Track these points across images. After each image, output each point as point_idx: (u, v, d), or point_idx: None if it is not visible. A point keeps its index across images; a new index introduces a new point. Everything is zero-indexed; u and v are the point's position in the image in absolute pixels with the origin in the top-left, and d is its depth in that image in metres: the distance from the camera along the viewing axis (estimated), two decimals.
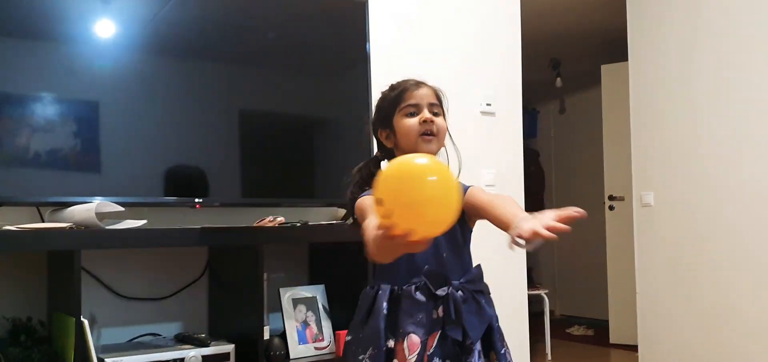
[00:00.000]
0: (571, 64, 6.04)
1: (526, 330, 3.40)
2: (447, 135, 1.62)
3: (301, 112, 2.57)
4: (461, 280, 1.50)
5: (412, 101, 1.57)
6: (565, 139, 6.63)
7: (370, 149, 2.64)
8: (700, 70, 4.04)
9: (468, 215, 1.52)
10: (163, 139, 2.24)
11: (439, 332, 1.45)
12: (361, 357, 1.47)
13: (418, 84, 1.60)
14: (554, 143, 6.78)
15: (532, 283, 5.54)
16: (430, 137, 1.55)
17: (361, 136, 2.61)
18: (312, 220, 2.51)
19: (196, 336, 2.18)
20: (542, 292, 5.00)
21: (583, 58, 5.80)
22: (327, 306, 2.42)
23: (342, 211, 2.67)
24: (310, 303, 2.39)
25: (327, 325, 2.39)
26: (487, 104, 3.22)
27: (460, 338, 1.45)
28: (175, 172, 2.25)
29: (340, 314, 2.41)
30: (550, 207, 4.66)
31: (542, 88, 6.48)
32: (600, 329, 5.61)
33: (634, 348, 4.47)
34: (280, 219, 2.31)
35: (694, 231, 4.06)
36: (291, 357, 2.27)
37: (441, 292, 1.46)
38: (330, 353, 2.35)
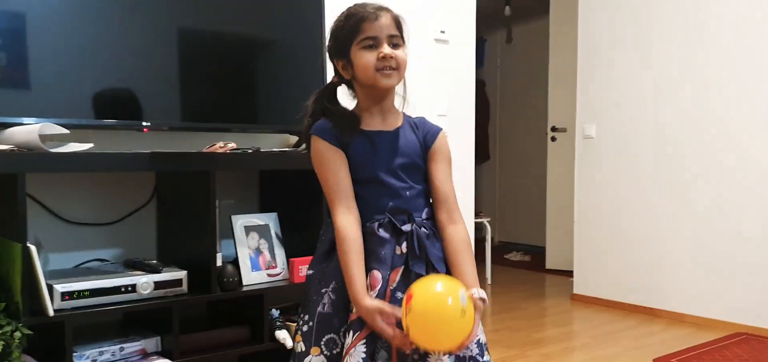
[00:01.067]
0: None
1: None
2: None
3: (252, 32, 2.50)
4: (423, 216, 1.50)
5: (371, 34, 1.47)
6: (511, 69, 6.69)
7: (325, 74, 2.60)
8: (649, 6, 4.11)
9: (429, 162, 1.53)
10: (103, 57, 2.13)
11: (402, 268, 1.45)
12: (323, 291, 1.46)
13: (377, 13, 1.49)
14: (500, 73, 6.83)
15: (475, 212, 5.67)
16: (391, 72, 1.48)
17: (315, 60, 2.56)
18: (263, 147, 2.48)
19: (146, 261, 2.14)
20: (485, 220, 5.12)
21: None
22: (280, 234, 2.42)
23: (293, 138, 2.64)
24: (262, 231, 2.38)
25: (280, 253, 2.39)
26: (442, 31, 3.20)
27: (423, 272, 1.45)
28: (117, 95, 2.17)
29: (292, 241, 2.41)
30: (495, 137, 4.79)
31: (490, 17, 6.47)
32: (537, 255, 5.81)
33: (568, 274, 4.67)
34: (232, 145, 2.27)
35: (632, 165, 4.21)
36: (244, 283, 2.27)
37: (406, 228, 1.46)
38: (283, 280, 2.36)
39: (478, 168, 6.98)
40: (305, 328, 1.48)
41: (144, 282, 2.04)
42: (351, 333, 1.41)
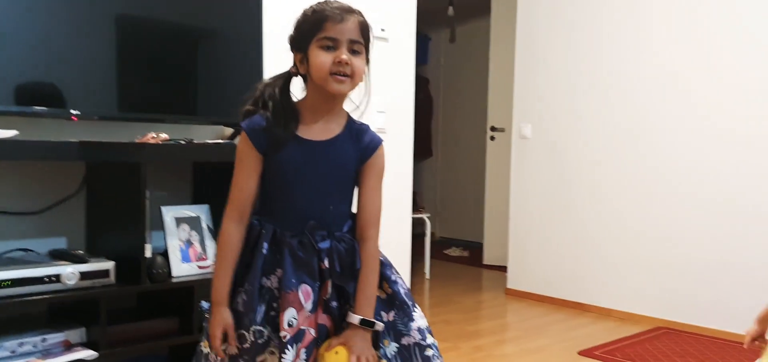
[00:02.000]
0: None
1: (408, 251, 3.56)
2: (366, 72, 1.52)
3: (189, 22, 2.48)
4: (344, 229, 1.51)
5: (331, 34, 1.43)
6: (454, 68, 6.79)
7: (262, 67, 2.61)
8: (583, 11, 4.25)
9: (360, 173, 1.53)
10: (30, 43, 2.09)
11: (330, 281, 1.48)
12: (238, 289, 1.48)
13: (342, 16, 1.43)
14: (443, 71, 6.92)
15: (416, 207, 5.75)
16: (343, 78, 1.43)
17: (252, 53, 2.56)
18: (197, 138, 2.47)
19: (73, 252, 2.12)
20: (424, 216, 5.20)
21: None
22: (211, 226, 2.42)
23: (228, 130, 2.64)
24: (193, 223, 2.38)
25: (211, 244, 2.40)
26: (382, 30, 3.25)
27: (345, 285, 1.49)
28: (46, 82, 2.13)
29: None
30: (438, 135, 4.87)
31: (435, 15, 6.55)
32: (475, 250, 5.94)
33: (504, 270, 4.79)
34: (164, 136, 2.26)
35: (563, 166, 4.35)
36: (173, 274, 2.27)
37: (323, 246, 1.47)
38: (214, 272, 2.36)
39: (420, 164, 7.07)
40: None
41: (69, 272, 2.02)
42: (295, 345, 1.43)
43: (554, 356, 3.35)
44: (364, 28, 1.46)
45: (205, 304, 2.29)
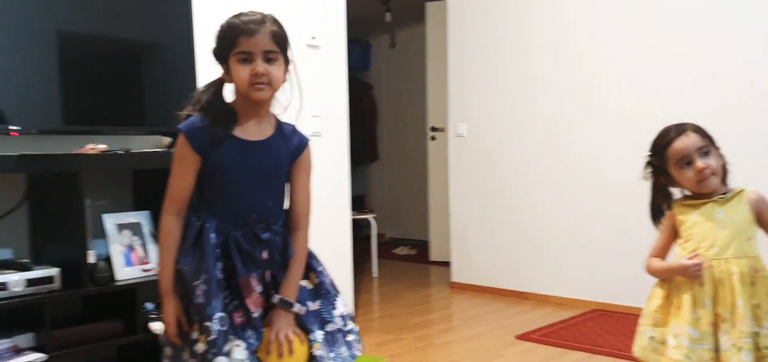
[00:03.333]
0: None
1: (349, 251, 3.68)
2: (290, 72, 1.63)
3: (121, 35, 2.58)
4: (279, 223, 1.64)
5: (245, 48, 1.53)
6: (396, 73, 6.99)
7: (195, 78, 2.73)
8: (507, 12, 4.48)
9: (291, 171, 1.66)
10: None
11: (269, 270, 1.62)
12: (195, 283, 1.56)
13: (253, 30, 1.53)
14: (385, 76, 7.11)
15: (363, 208, 5.91)
16: (262, 86, 1.54)
17: (186, 64, 2.68)
18: (135, 148, 2.58)
19: (17, 261, 2.21)
20: (369, 216, 5.36)
21: None
22: (153, 231, 2.53)
23: (166, 139, 2.75)
24: (135, 228, 2.49)
25: (153, 249, 2.50)
26: (312, 38, 3.40)
27: (280, 277, 1.63)
28: None
29: None
30: (382, 138, 5.03)
31: (374, 22, 6.74)
32: (422, 249, 6.12)
33: (449, 264, 4.98)
34: (102, 146, 2.37)
35: (498, 160, 4.57)
36: (117, 278, 2.37)
37: (264, 237, 1.59)
38: (156, 274, 2.45)
39: (368, 168, 7.24)
40: (196, 317, 1.58)
41: (15, 279, 2.11)
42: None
43: (493, 341, 3.54)
44: (277, 36, 1.56)
45: (149, 305, 2.41)
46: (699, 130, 1.81)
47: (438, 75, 5.33)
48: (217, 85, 1.63)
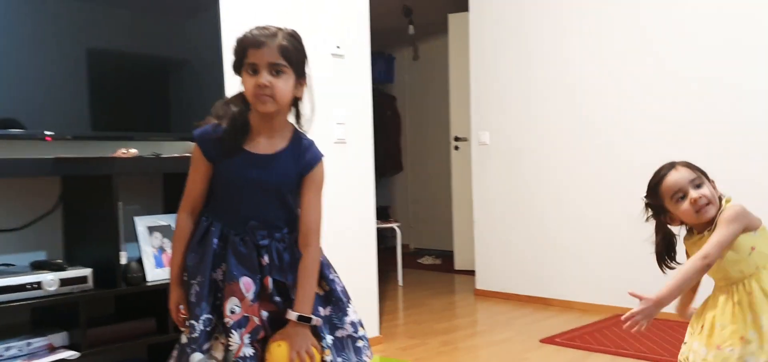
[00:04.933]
0: (422, 12, 6.41)
1: (374, 259, 3.71)
2: (307, 88, 1.66)
3: (152, 51, 2.68)
4: (284, 231, 1.68)
5: (252, 60, 1.58)
6: (419, 85, 7.04)
7: (223, 89, 2.81)
8: (531, 21, 4.51)
9: (302, 186, 1.69)
10: (8, 73, 2.27)
11: (269, 277, 1.66)
12: (192, 282, 1.66)
13: (261, 42, 1.57)
14: (409, 88, 7.17)
15: (388, 218, 5.95)
16: (266, 98, 1.58)
17: (214, 75, 2.77)
18: (165, 154, 2.65)
19: (52, 262, 2.29)
20: (394, 225, 5.40)
21: (433, 6, 6.17)
22: None
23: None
24: (165, 231, 2.56)
25: None
26: (337, 47, 3.46)
27: (290, 282, 1.67)
28: (21, 106, 2.30)
29: None
30: (406, 149, 5.08)
31: (398, 35, 6.81)
32: (446, 258, 6.14)
33: (473, 273, 4.99)
34: (133, 151, 2.44)
35: (520, 168, 4.59)
36: (148, 279, 2.44)
37: (263, 243, 1.65)
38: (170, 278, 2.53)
39: (392, 179, 7.29)
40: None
41: (50, 279, 2.18)
42: (240, 329, 1.62)
43: (517, 345, 3.55)
44: (286, 50, 1.59)
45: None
46: (689, 165, 1.84)
47: (460, 85, 5.38)
48: (240, 98, 1.68)
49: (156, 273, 2.47)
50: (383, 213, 6.19)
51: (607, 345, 3.43)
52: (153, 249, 2.50)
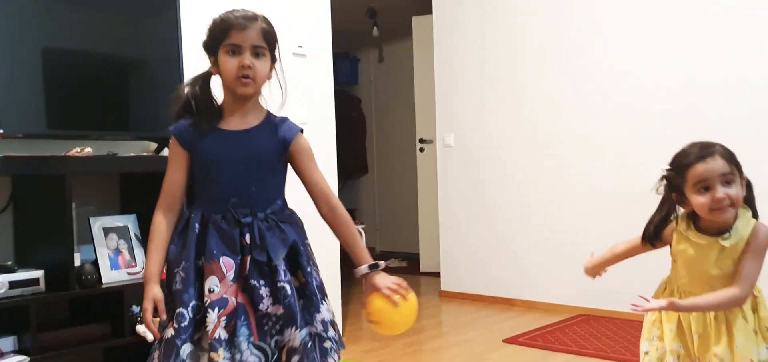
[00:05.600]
0: (387, 14, 6.41)
1: (337, 262, 3.69)
2: (276, 70, 1.68)
3: (110, 50, 2.62)
4: (267, 211, 1.65)
5: (235, 41, 1.59)
6: (384, 86, 7.04)
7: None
8: (492, 24, 4.54)
9: (290, 162, 1.69)
10: None
11: (250, 256, 1.62)
12: (175, 270, 1.61)
13: (245, 24, 1.59)
14: (374, 90, 7.16)
15: (353, 221, 5.92)
16: (248, 80, 1.59)
17: (171, 75, 2.73)
18: (123, 153, 2.60)
19: (1, 264, 2.22)
20: (360, 228, 5.37)
21: (397, 9, 6.17)
22: (139, 234, 2.54)
23: (153, 145, 2.78)
24: (121, 232, 2.50)
25: (139, 252, 2.52)
26: (299, 46, 3.44)
27: (264, 260, 1.62)
28: None
29: None
30: (372, 151, 5.06)
31: (362, 37, 6.80)
32: (412, 260, 6.14)
33: (439, 275, 5.00)
34: (88, 150, 2.39)
35: (485, 169, 4.61)
36: (104, 281, 2.38)
37: (245, 220, 1.62)
38: (143, 278, 2.48)
39: (358, 182, 7.26)
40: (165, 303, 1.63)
41: None
42: (217, 309, 1.56)
43: (480, 345, 3.55)
44: (267, 34, 1.63)
45: (136, 308, 2.42)
46: (726, 155, 1.65)
47: (425, 87, 5.39)
48: (203, 79, 1.68)
49: (111, 275, 2.41)
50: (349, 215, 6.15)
51: (568, 344, 3.46)
52: (108, 251, 2.44)
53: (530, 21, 4.36)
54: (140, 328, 2.38)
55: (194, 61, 2.90)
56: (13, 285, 2.14)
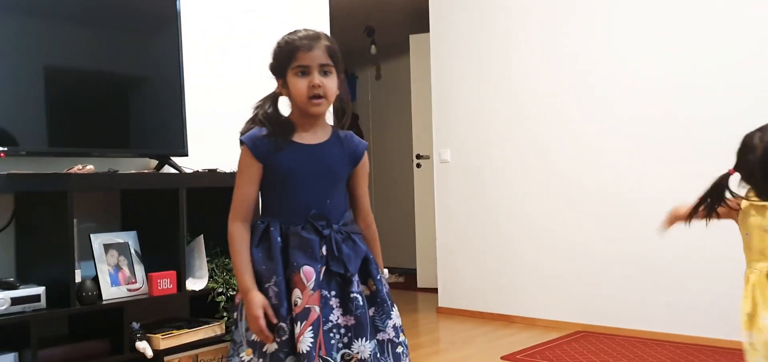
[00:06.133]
0: (384, 32, 6.46)
1: None
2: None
3: (112, 68, 2.65)
4: (340, 223, 1.69)
5: (303, 63, 1.63)
6: (381, 103, 7.09)
7: (183, 107, 2.79)
8: (488, 42, 4.58)
9: (352, 175, 1.74)
10: None
11: (324, 267, 1.65)
12: (267, 285, 1.63)
13: (310, 44, 1.64)
14: (371, 107, 7.21)
15: None
16: (319, 100, 1.64)
17: (172, 93, 2.75)
18: (124, 170, 2.61)
19: (3, 280, 2.22)
20: None
21: (394, 27, 6.23)
22: (139, 251, 2.55)
23: (154, 162, 2.80)
24: (122, 248, 2.51)
25: (139, 269, 2.53)
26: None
27: (342, 271, 1.65)
28: None
29: (152, 258, 2.56)
30: (370, 168, 5.06)
31: (360, 55, 6.85)
32: (410, 276, 6.15)
33: (436, 291, 5.00)
34: (89, 167, 2.40)
35: (482, 185, 4.63)
36: (104, 298, 2.39)
37: (325, 232, 1.65)
38: (143, 294, 2.49)
39: None
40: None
41: (0, 297, 2.12)
42: (299, 322, 1.59)
43: None
44: (331, 51, 1.67)
45: (136, 325, 2.42)
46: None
47: (422, 103, 5.42)
48: (272, 99, 1.73)
49: (111, 292, 2.42)
50: None
51: (568, 361, 3.46)
52: (109, 268, 2.45)
53: (525, 37, 4.40)
54: (140, 344, 2.39)
55: (195, 80, 2.95)
56: (15, 301, 2.15)
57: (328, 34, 1.76)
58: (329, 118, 1.76)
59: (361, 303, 1.65)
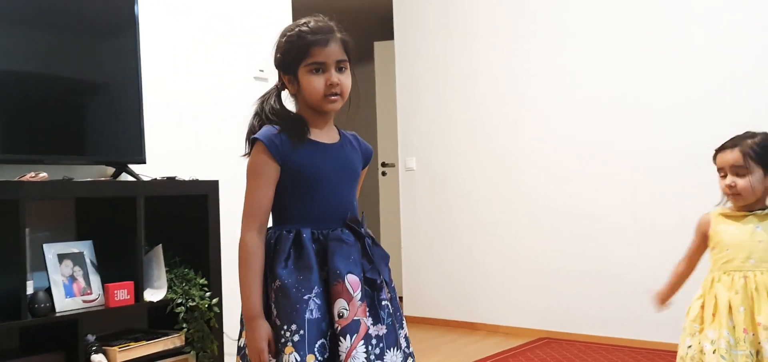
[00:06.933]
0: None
1: None
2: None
3: (67, 73, 2.56)
4: (363, 228, 1.55)
5: (319, 59, 1.50)
6: (346, 110, 7.06)
7: (142, 113, 2.72)
8: (452, 50, 4.60)
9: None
10: None
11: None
12: (306, 297, 1.45)
13: (327, 39, 1.51)
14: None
15: None
16: (336, 97, 1.53)
17: (129, 99, 2.68)
18: (79, 178, 2.54)
19: None
20: None
21: (359, 34, 6.19)
22: (95, 261, 2.48)
23: (111, 169, 2.72)
24: (76, 258, 2.44)
25: (95, 279, 2.45)
26: (260, 70, 3.42)
27: (377, 278, 1.51)
28: None
29: (109, 268, 2.48)
30: None
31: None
32: None
33: (401, 300, 4.99)
34: (43, 175, 2.32)
35: (448, 192, 4.64)
36: (57, 309, 2.31)
37: (368, 241, 1.52)
38: (99, 305, 2.42)
39: None
40: (296, 338, 1.43)
41: None
42: (348, 336, 1.44)
43: None
44: (346, 45, 1.55)
45: (91, 337, 2.35)
46: (746, 152, 1.89)
47: (387, 111, 5.41)
48: (275, 94, 1.60)
49: (65, 304, 2.34)
50: None
51: None
52: (63, 278, 2.37)
53: (488, 45, 4.43)
54: (96, 358, 2.32)
55: (153, 86, 2.88)
56: None
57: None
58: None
59: (390, 311, 1.53)
